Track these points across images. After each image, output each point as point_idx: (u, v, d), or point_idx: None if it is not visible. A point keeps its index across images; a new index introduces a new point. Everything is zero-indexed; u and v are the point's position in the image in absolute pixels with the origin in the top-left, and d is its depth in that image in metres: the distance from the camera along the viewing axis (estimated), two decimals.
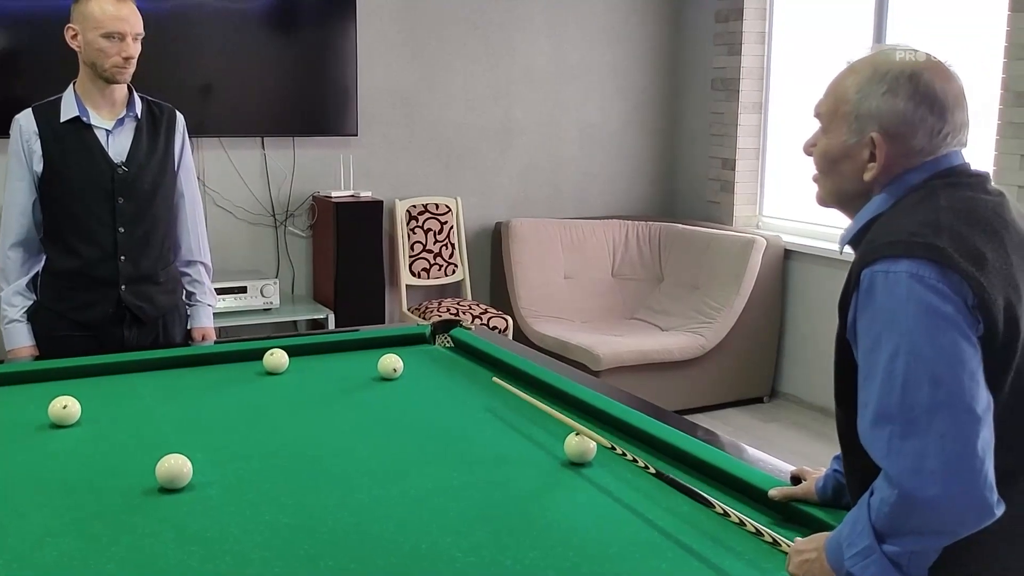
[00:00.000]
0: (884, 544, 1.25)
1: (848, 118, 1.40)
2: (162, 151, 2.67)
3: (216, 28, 4.57)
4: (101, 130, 2.58)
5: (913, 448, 1.22)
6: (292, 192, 4.93)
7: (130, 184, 2.60)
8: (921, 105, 1.36)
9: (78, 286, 2.64)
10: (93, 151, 2.57)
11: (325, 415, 2.25)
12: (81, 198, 2.58)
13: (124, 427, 2.12)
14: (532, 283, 5.11)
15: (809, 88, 5.09)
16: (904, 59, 1.39)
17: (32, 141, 2.56)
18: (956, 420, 1.21)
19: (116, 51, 2.49)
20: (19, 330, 2.61)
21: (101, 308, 2.64)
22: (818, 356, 4.90)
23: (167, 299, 2.76)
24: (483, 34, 5.25)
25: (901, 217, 1.33)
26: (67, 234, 2.62)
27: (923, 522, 1.23)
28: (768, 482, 1.74)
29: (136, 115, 2.62)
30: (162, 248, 2.72)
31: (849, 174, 1.42)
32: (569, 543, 1.58)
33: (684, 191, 5.78)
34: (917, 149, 1.38)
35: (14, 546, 1.55)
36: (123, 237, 2.61)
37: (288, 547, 1.56)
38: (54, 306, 2.66)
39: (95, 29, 2.48)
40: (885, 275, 1.27)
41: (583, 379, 2.42)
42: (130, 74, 2.56)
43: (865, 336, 1.29)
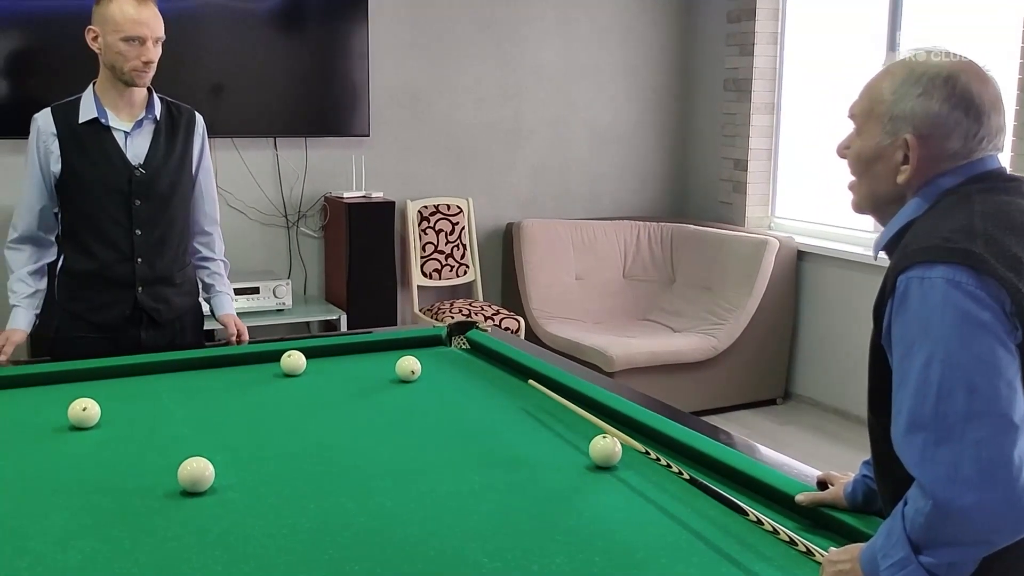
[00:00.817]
0: (920, 555, 1.23)
1: (882, 119, 1.39)
2: (180, 153, 2.66)
3: (228, 28, 4.57)
4: (119, 132, 2.58)
5: (947, 456, 1.20)
6: (304, 193, 4.92)
7: (147, 186, 2.59)
8: (956, 108, 1.34)
9: (94, 287, 2.63)
10: (111, 153, 2.56)
11: (344, 417, 2.24)
12: (98, 200, 2.57)
13: (143, 429, 2.12)
14: (543, 284, 5.10)
15: (822, 89, 5.08)
16: (940, 61, 1.38)
17: (50, 141, 2.56)
18: (992, 428, 1.19)
19: (136, 55, 2.48)
20: (17, 314, 2.59)
21: (117, 310, 2.64)
22: (832, 358, 4.88)
23: (184, 301, 2.75)
24: (494, 34, 5.24)
25: (936, 222, 1.32)
26: (84, 235, 2.62)
27: (959, 532, 1.21)
28: (793, 487, 1.72)
29: (155, 117, 2.62)
30: (179, 250, 2.72)
31: (882, 176, 1.40)
32: (595, 547, 1.57)
33: (696, 192, 5.76)
34: (951, 152, 1.36)
35: (37, 548, 1.54)
36: (140, 239, 2.61)
37: (312, 551, 1.55)
38: (70, 307, 2.65)
39: (115, 32, 2.47)
40: (920, 281, 1.25)
41: (603, 382, 2.41)
42: (150, 77, 2.55)
43: (899, 343, 1.28)
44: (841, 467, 1.75)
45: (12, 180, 4.37)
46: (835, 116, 5.06)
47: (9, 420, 2.16)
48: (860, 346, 4.66)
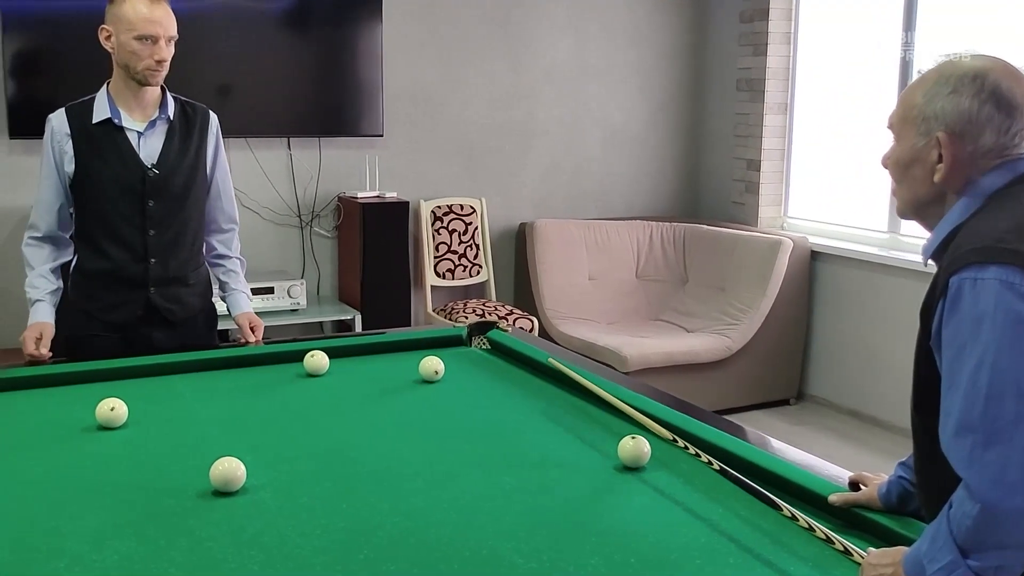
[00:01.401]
0: (968, 559, 1.23)
1: (916, 121, 1.40)
2: (194, 153, 2.66)
3: (242, 28, 4.57)
4: (133, 132, 2.58)
5: (996, 459, 1.20)
6: (318, 193, 4.93)
7: (161, 186, 2.59)
8: (987, 103, 1.35)
9: (108, 287, 2.64)
10: (124, 153, 2.56)
11: (369, 417, 2.24)
12: (111, 200, 2.58)
13: (170, 429, 2.12)
14: (556, 284, 5.10)
15: (835, 88, 5.08)
16: (971, 62, 1.39)
17: (64, 142, 2.56)
18: None
19: (149, 54, 2.48)
20: (41, 308, 2.59)
21: (130, 309, 2.64)
22: (846, 358, 4.88)
23: (197, 301, 2.75)
24: (506, 34, 5.24)
25: (987, 223, 1.32)
26: (97, 235, 2.62)
27: (1006, 535, 1.21)
28: (825, 487, 1.72)
29: (168, 117, 2.61)
30: (192, 250, 2.72)
31: (920, 178, 1.41)
32: (629, 548, 1.57)
33: (708, 192, 5.76)
34: (987, 149, 1.36)
35: (73, 548, 1.55)
36: (153, 239, 2.61)
37: (347, 552, 1.55)
38: (84, 306, 2.66)
39: (128, 31, 2.47)
40: (973, 282, 1.25)
41: (627, 382, 2.41)
42: (163, 77, 2.55)
43: (950, 345, 1.28)
44: (856, 468, 1.74)
45: (29, 179, 4.39)
46: (848, 116, 5.06)
47: (37, 420, 2.16)
48: (874, 347, 4.68)
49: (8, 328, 4.42)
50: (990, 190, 1.37)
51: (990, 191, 1.37)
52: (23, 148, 4.34)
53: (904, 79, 4.62)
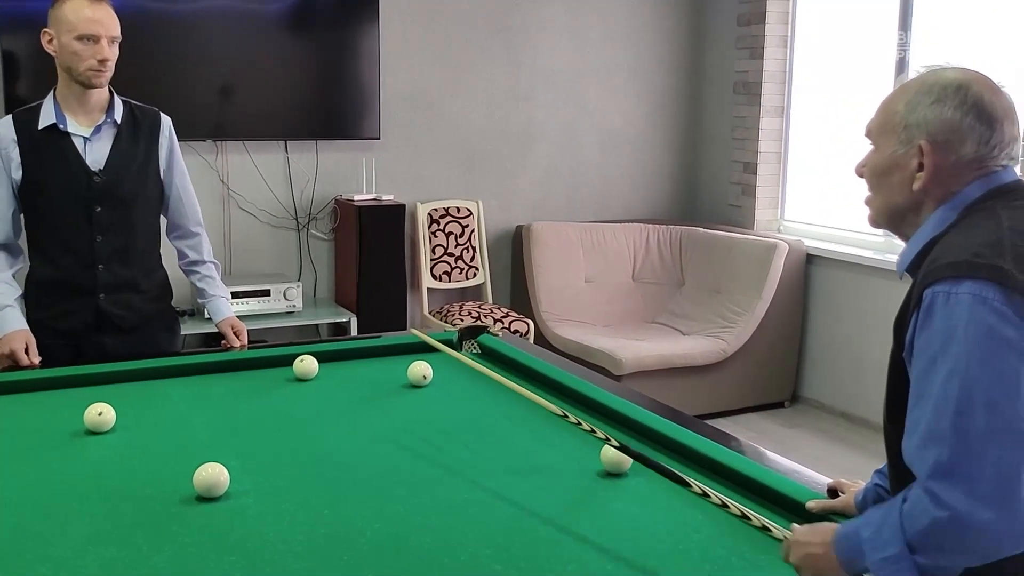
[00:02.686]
0: (915, 555, 1.24)
1: (896, 129, 1.40)
2: (143, 157, 2.64)
3: (239, 30, 4.59)
4: (79, 137, 2.56)
5: (966, 472, 1.20)
6: (315, 195, 4.94)
7: (108, 192, 2.58)
8: (969, 114, 1.36)
9: (58, 294, 2.63)
10: (69, 159, 2.55)
11: (357, 422, 2.25)
12: (58, 207, 2.57)
13: (158, 434, 2.14)
14: (553, 286, 5.11)
15: (831, 92, 5.08)
16: (953, 73, 1.40)
17: (11, 148, 2.55)
18: (1010, 446, 1.20)
19: (90, 54, 2.47)
20: (13, 315, 2.57)
21: (79, 317, 2.63)
22: (840, 361, 4.89)
23: (150, 306, 2.73)
24: (504, 37, 5.26)
25: (964, 237, 1.32)
26: (46, 243, 2.62)
27: (969, 544, 1.22)
28: (804, 494, 1.73)
29: (115, 120, 2.60)
30: (144, 255, 2.70)
31: (898, 185, 1.41)
32: (607, 554, 1.59)
33: (705, 195, 5.77)
34: (967, 159, 1.37)
35: (58, 555, 1.56)
36: (101, 245, 2.60)
37: (328, 558, 1.57)
38: (35, 314, 2.65)
39: (69, 32, 2.46)
40: (947, 296, 1.26)
41: (611, 387, 2.42)
42: (107, 78, 2.53)
43: (921, 356, 1.28)
44: (848, 470, 1.76)
45: None
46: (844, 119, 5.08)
47: (25, 424, 2.18)
48: (868, 350, 4.69)
49: None
50: (967, 202, 1.37)
51: (967, 203, 1.37)
52: None
53: (900, 81, 4.62)
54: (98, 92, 2.55)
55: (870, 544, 1.29)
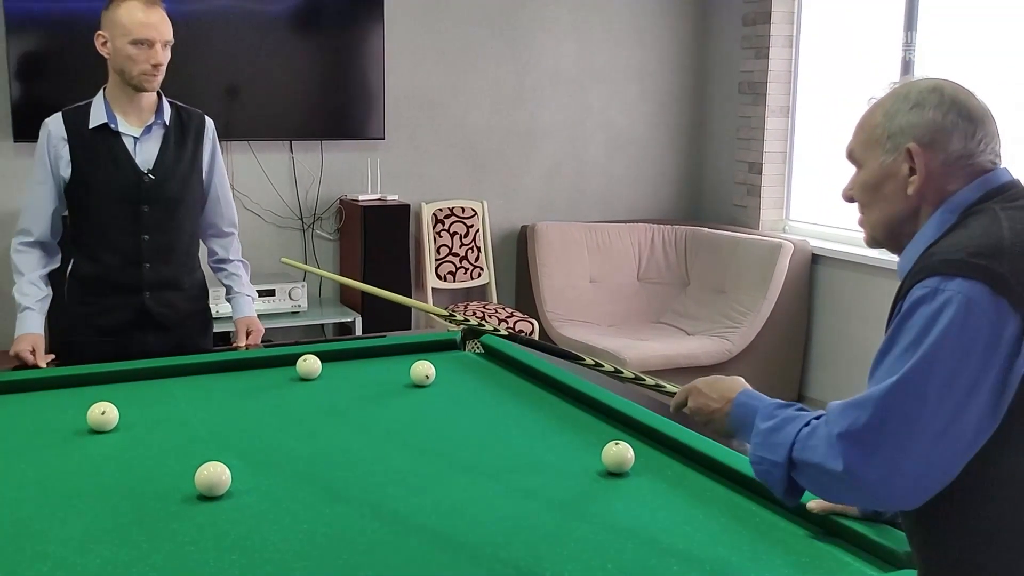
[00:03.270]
0: (793, 471, 1.33)
1: (880, 140, 1.40)
2: (189, 159, 2.68)
3: (244, 31, 4.60)
4: (129, 137, 2.59)
5: (873, 443, 1.23)
6: (320, 195, 4.95)
7: (156, 192, 2.61)
8: (950, 112, 1.37)
9: (102, 292, 2.65)
10: (120, 159, 2.58)
11: (359, 422, 2.26)
12: (107, 205, 2.59)
13: (161, 433, 2.14)
14: (558, 286, 5.11)
15: (837, 92, 5.07)
16: (924, 80, 1.42)
17: (60, 146, 2.58)
18: (926, 438, 1.21)
19: (144, 58, 2.49)
20: (31, 318, 2.59)
21: (123, 314, 2.66)
22: (846, 361, 4.88)
23: (190, 305, 2.77)
24: (509, 37, 5.26)
25: (959, 237, 1.31)
26: (92, 240, 2.64)
27: (842, 492, 1.32)
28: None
29: (164, 122, 2.63)
30: (186, 255, 2.74)
31: (892, 195, 1.40)
32: (607, 554, 1.58)
33: (710, 195, 5.76)
34: (956, 156, 1.37)
35: (57, 553, 1.57)
36: (147, 244, 2.63)
37: (327, 557, 1.57)
38: (78, 310, 2.68)
39: (124, 36, 2.48)
40: (934, 292, 1.25)
41: (615, 387, 2.42)
42: (159, 82, 2.56)
43: (890, 342, 1.28)
44: None
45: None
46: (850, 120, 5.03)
47: (29, 423, 2.18)
48: (874, 350, 4.64)
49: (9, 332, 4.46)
50: (964, 205, 1.37)
51: (964, 206, 1.37)
52: (28, 151, 4.35)
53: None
54: (148, 94, 2.58)
55: (760, 437, 1.38)
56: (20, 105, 4.28)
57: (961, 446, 1.23)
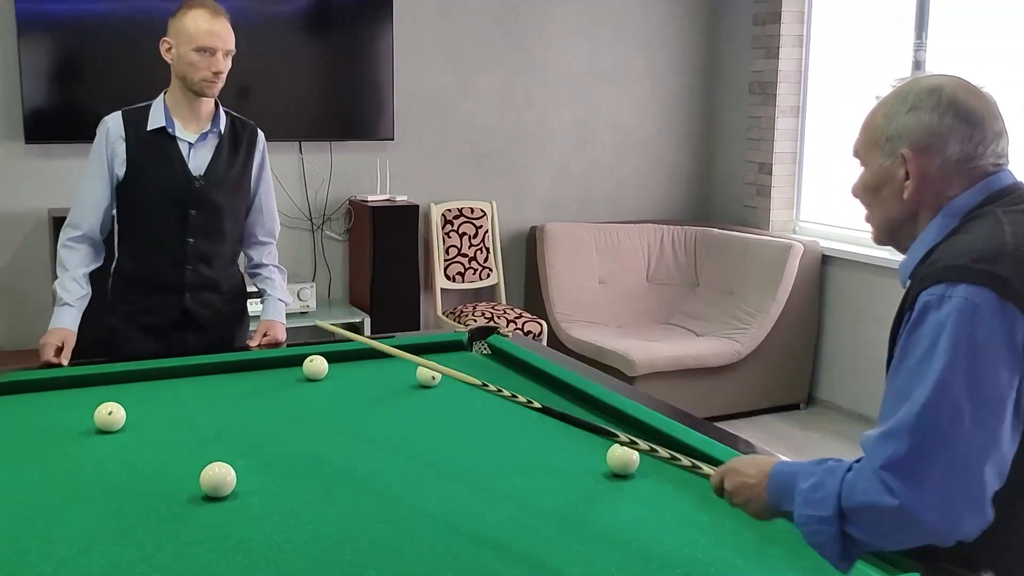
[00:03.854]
0: (846, 525, 1.27)
1: (879, 142, 1.41)
2: (240, 168, 2.74)
3: (254, 32, 4.60)
4: (184, 142, 2.66)
5: (919, 472, 1.21)
6: (329, 196, 4.96)
7: (204, 197, 2.67)
8: (946, 115, 1.36)
9: (145, 290, 2.72)
10: (174, 162, 2.64)
11: (365, 423, 2.26)
12: (157, 206, 2.66)
13: (167, 433, 2.15)
14: (566, 287, 5.11)
15: (847, 92, 5.05)
16: (927, 78, 1.41)
17: (117, 144, 2.63)
18: (971, 453, 1.20)
19: (206, 65, 2.57)
20: (68, 312, 2.62)
21: (165, 313, 2.72)
22: (857, 363, 4.86)
23: (229, 306, 2.83)
24: (518, 37, 5.25)
25: (962, 242, 1.31)
26: (139, 239, 2.70)
27: (902, 534, 1.25)
28: None
29: (219, 131, 2.70)
30: (228, 260, 2.81)
31: (890, 198, 1.41)
32: (610, 557, 1.58)
33: (720, 195, 5.75)
34: (953, 160, 1.36)
35: (61, 553, 1.57)
36: (192, 247, 2.69)
37: (331, 558, 1.57)
38: (121, 307, 2.73)
39: (188, 43, 2.55)
40: (940, 299, 1.25)
41: (622, 389, 2.41)
42: (218, 89, 2.63)
43: (904, 355, 1.28)
44: None
45: (45, 184, 4.45)
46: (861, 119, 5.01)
47: (37, 423, 2.19)
48: (885, 352, 4.63)
49: (25, 331, 4.48)
50: (965, 209, 1.36)
51: (965, 210, 1.36)
52: (39, 152, 4.39)
53: None
54: (207, 101, 2.66)
55: (803, 497, 1.32)
56: (32, 107, 4.29)
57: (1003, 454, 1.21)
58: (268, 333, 2.80)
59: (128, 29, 4.30)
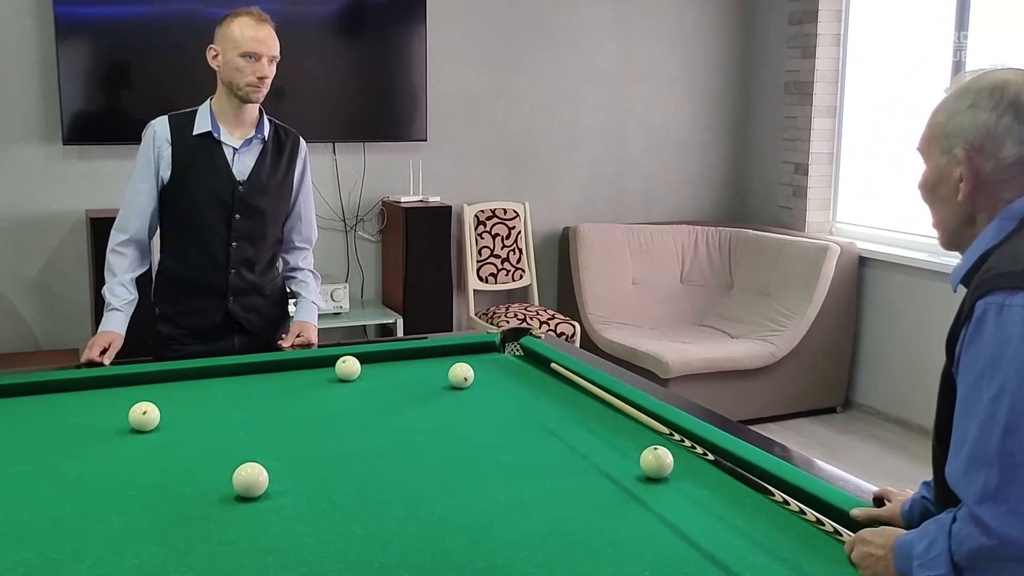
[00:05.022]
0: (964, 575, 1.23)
1: (939, 140, 1.36)
2: (282, 174, 2.77)
3: (288, 35, 4.59)
4: (229, 147, 2.69)
5: (1014, 498, 1.16)
6: (362, 197, 4.97)
7: (247, 202, 2.70)
8: (1005, 115, 1.31)
9: (188, 293, 2.75)
10: (218, 166, 2.67)
11: (396, 424, 2.25)
12: (201, 210, 2.68)
13: (201, 433, 2.15)
14: (599, 288, 5.08)
15: (886, 91, 4.99)
16: (993, 75, 1.36)
17: (163, 148, 2.67)
18: None
19: (251, 71, 2.60)
20: (116, 318, 2.66)
21: (209, 316, 2.75)
22: (894, 366, 4.79)
23: (273, 309, 2.87)
24: (551, 38, 5.24)
25: (1019, 248, 1.27)
26: (183, 242, 2.73)
27: (1013, 567, 1.19)
28: (849, 503, 1.69)
29: (263, 137, 2.73)
30: (269, 264, 2.83)
31: (946, 199, 1.36)
32: (644, 560, 1.56)
33: (755, 196, 5.70)
34: (1009, 163, 1.32)
35: (96, 551, 1.58)
36: (235, 251, 2.72)
37: (362, 559, 1.56)
38: (167, 310, 2.77)
39: (234, 49, 2.59)
40: (999, 308, 1.20)
41: (656, 391, 2.39)
42: (263, 94, 2.66)
43: (969, 370, 1.23)
44: (902, 478, 1.71)
45: (82, 185, 4.50)
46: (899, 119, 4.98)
47: (72, 422, 2.21)
48: (924, 355, 4.58)
49: (62, 330, 4.54)
50: (1022, 213, 1.31)
51: (1022, 214, 1.31)
52: (78, 154, 4.45)
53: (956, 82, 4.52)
54: (251, 108, 2.69)
55: (920, 560, 1.28)
56: (70, 109, 4.34)
57: None
58: (301, 334, 2.81)
59: (165, 32, 4.34)
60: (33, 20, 4.32)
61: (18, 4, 4.29)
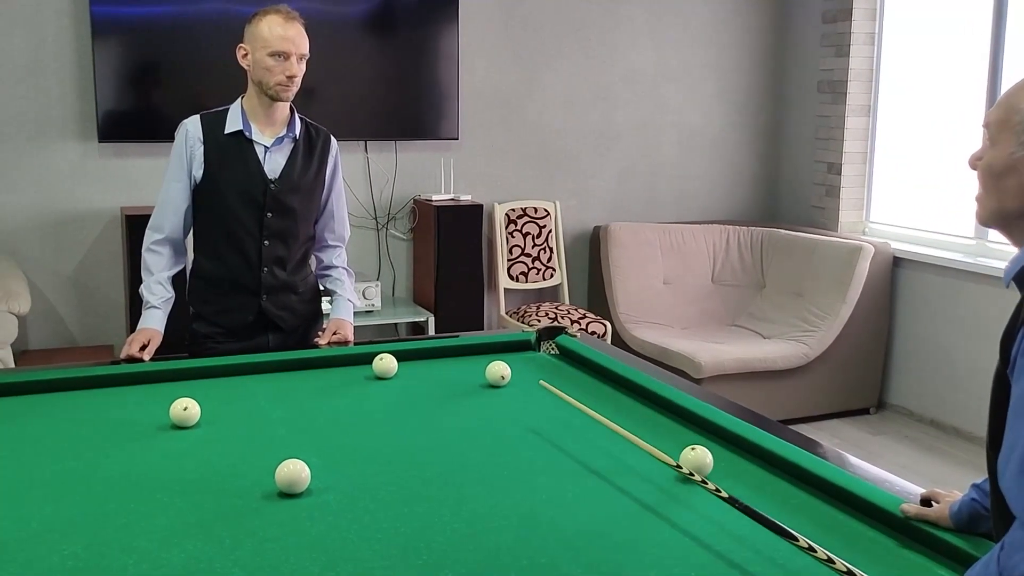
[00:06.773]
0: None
1: (1016, 129, 1.28)
2: (313, 172, 2.78)
3: (320, 33, 4.62)
4: (260, 146, 2.70)
5: None
6: (394, 195, 4.99)
7: (279, 200, 2.70)
8: None
9: (222, 291, 2.76)
10: (250, 165, 2.68)
11: (435, 421, 2.26)
12: (232, 208, 2.69)
13: (241, 430, 2.17)
14: (631, 288, 5.07)
15: (921, 90, 4.94)
16: None
17: (196, 146, 2.68)
18: None
19: (281, 70, 2.60)
20: (155, 315, 2.68)
21: (243, 314, 2.76)
22: (929, 367, 4.75)
23: (306, 308, 2.87)
24: (583, 36, 5.23)
25: None
26: (216, 241, 2.74)
27: None
28: (894, 504, 1.67)
29: (295, 136, 2.73)
30: (301, 262, 2.84)
31: (1013, 191, 1.29)
32: (688, 561, 1.55)
33: (787, 196, 5.66)
34: None
35: (143, 547, 1.59)
36: (267, 249, 2.72)
37: (407, 557, 1.56)
38: (201, 309, 2.78)
39: (264, 48, 2.59)
40: None
41: (693, 390, 2.38)
42: (293, 93, 2.66)
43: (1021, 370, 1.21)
44: (937, 480, 1.69)
45: (118, 183, 4.54)
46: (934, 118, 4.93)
47: (115, 418, 2.23)
48: (960, 355, 4.54)
49: (98, 326, 4.58)
50: None
51: None
52: (113, 152, 4.49)
53: (993, 80, 4.48)
54: (282, 106, 2.70)
55: None
56: (106, 107, 4.38)
57: None
58: (338, 331, 2.82)
59: (200, 32, 4.37)
60: (71, 20, 4.36)
61: (56, 4, 4.34)
